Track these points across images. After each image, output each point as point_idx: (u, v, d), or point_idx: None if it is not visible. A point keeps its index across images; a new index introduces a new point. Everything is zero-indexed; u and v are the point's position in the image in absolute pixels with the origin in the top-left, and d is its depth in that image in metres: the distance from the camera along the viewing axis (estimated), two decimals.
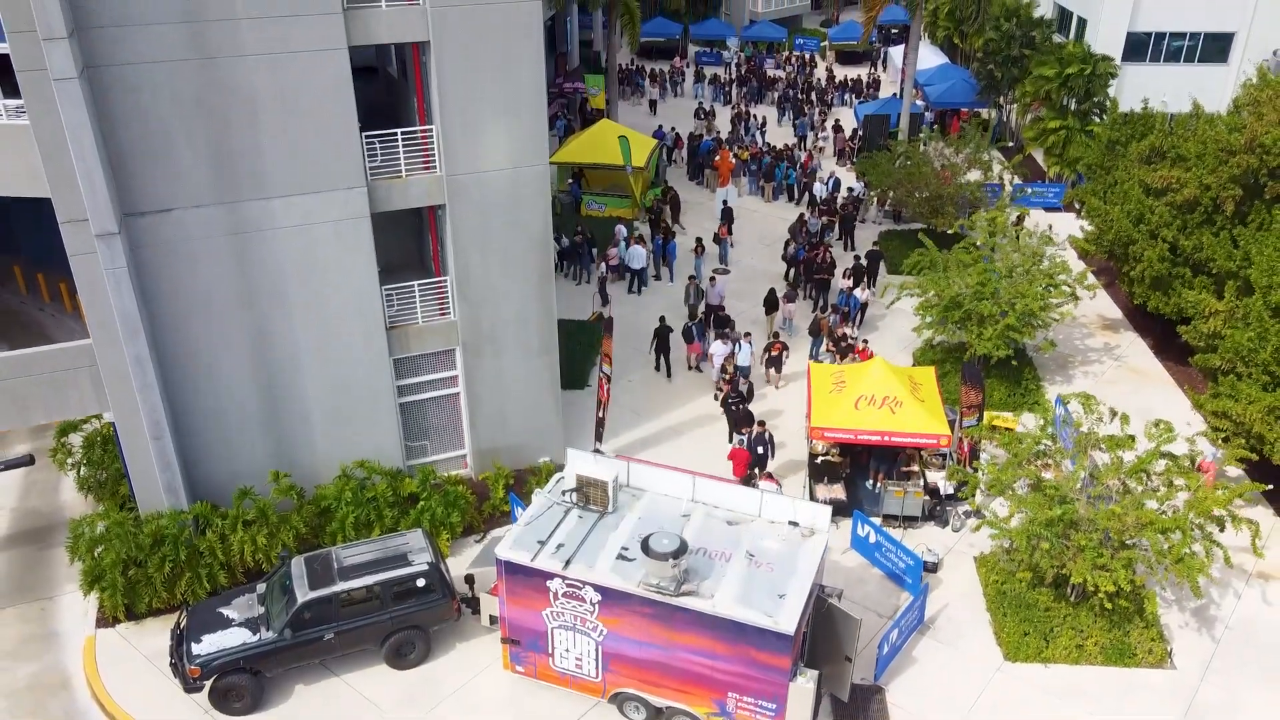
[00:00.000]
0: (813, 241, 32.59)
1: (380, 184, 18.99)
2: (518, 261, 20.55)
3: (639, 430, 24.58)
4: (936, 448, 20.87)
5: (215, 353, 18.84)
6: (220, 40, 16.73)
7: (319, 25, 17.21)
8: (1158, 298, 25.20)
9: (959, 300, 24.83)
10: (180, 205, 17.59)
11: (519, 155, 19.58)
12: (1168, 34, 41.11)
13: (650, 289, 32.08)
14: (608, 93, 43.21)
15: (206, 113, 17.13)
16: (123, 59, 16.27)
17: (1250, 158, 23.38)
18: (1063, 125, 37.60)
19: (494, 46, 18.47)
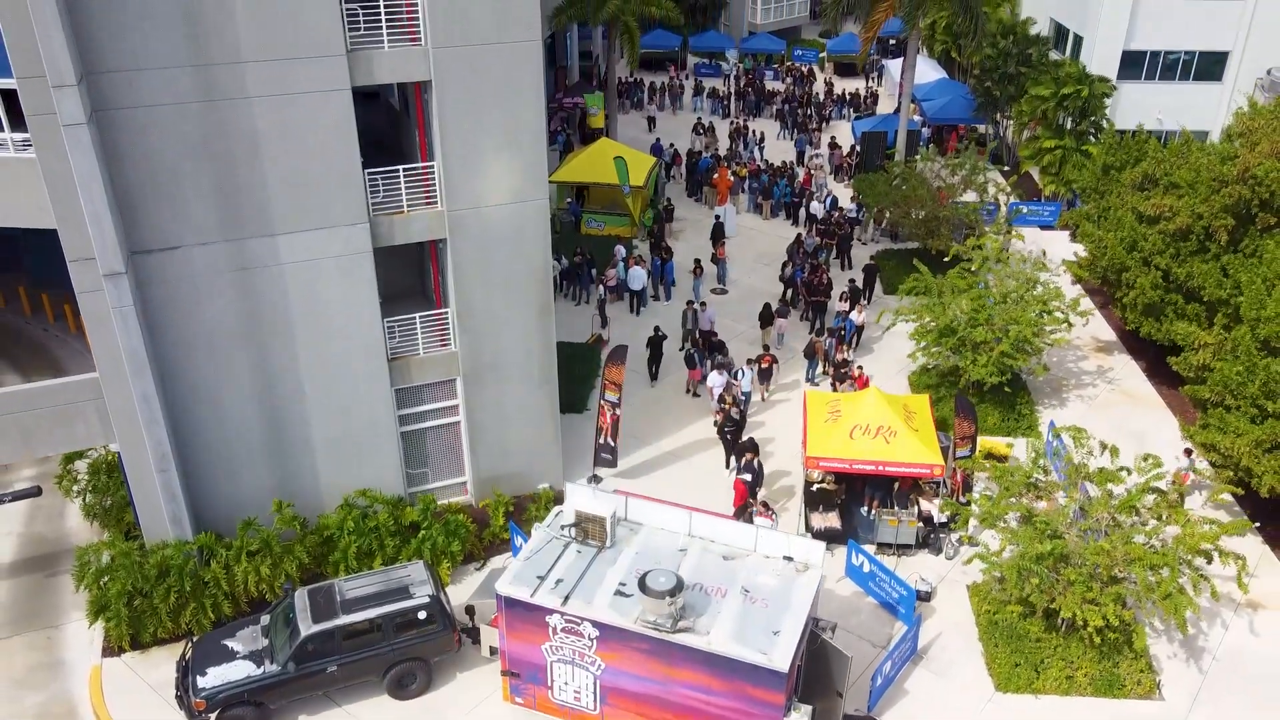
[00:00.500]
0: (810, 263, 32.88)
1: (382, 219, 19.30)
2: (518, 293, 20.85)
3: (637, 455, 24.86)
4: (930, 477, 21.16)
5: (220, 386, 19.14)
6: (226, 82, 17.03)
7: (323, 67, 17.50)
8: (1150, 324, 25.51)
9: (953, 326, 25.14)
10: (186, 243, 17.90)
11: (520, 190, 19.89)
12: (1162, 52, 41.38)
13: (649, 309, 32.37)
14: (607, 112, 43.47)
15: (212, 153, 17.43)
16: (131, 102, 16.57)
17: (1242, 188, 23.68)
18: (1059, 145, 37.89)
19: (494, 84, 18.77)
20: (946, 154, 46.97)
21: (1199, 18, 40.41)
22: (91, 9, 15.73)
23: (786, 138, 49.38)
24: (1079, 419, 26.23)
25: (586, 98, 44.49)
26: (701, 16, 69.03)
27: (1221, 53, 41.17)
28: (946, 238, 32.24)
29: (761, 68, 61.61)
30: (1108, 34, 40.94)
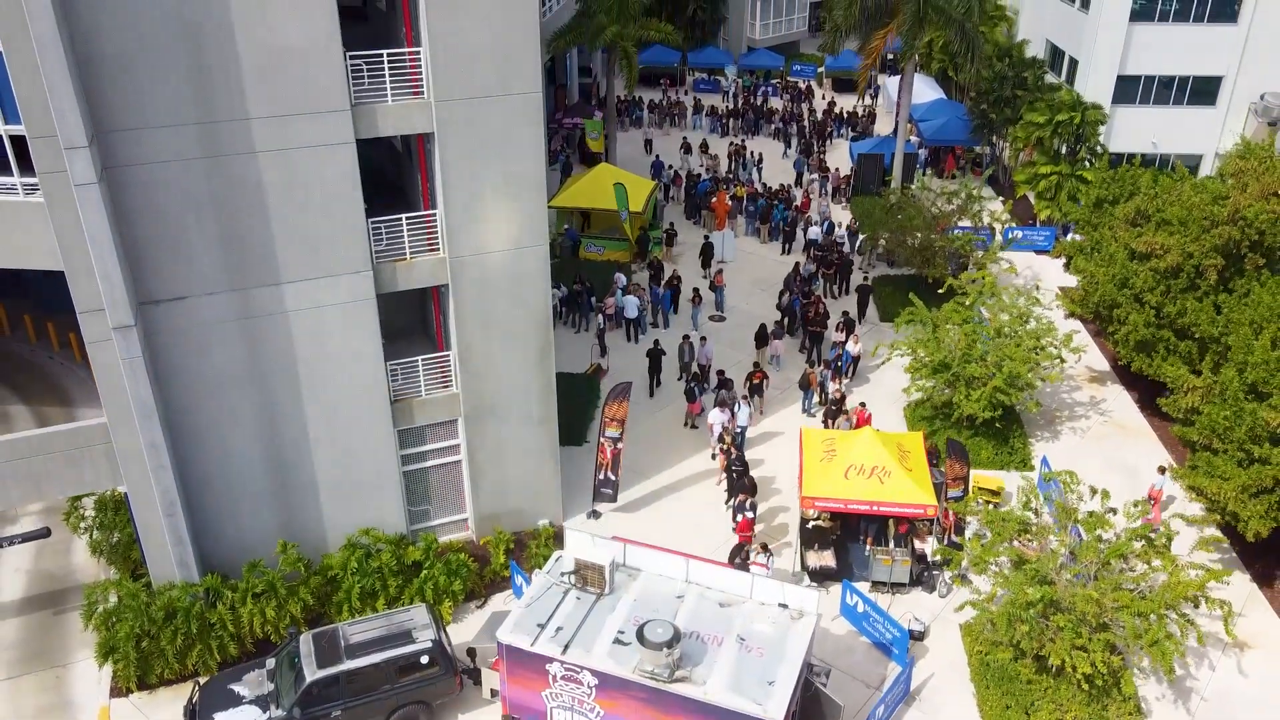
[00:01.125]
0: (806, 290, 33.23)
1: (385, 266, 19.65)
2: (519, 336, 21.21)
3: (637, 489, 25.20)
4: (923, 517, 21.51)
5: (226, 431, 19.49)
6: (234, 139, 17.38)
7: (327, 122, 17.85)
8: (1141, 360, 25.87)
9: (947, 361, 25.49)
10: (193, 293, 18.26)
11: (520, 237, 20.24)
12: (1157, 77, 41.72)
13: (648, 336, 32.69)
14: (607, 137, 43.72)
15: (219, 206, 17.78)
16: (140, 159, 16.93)
17: (1232, 229, 24.06)
18: (1054, 171, 38.24)
19: (495, 136, 19.12)
20: (944, 174, 47.78)
21: (1193, 43, 40.75)
22: (102, 71, 16.09)
23: (791, 155, 49.69)
24: (1071, 452, 26.67)
25: (586, 123, 44.79)
26: (701, 31, 69.35)
27: (1215, 78, 41.51)
28: (942, 266, 32.61)
29: (760, 84, 61.91)
30: (1102, 59, 41.29)
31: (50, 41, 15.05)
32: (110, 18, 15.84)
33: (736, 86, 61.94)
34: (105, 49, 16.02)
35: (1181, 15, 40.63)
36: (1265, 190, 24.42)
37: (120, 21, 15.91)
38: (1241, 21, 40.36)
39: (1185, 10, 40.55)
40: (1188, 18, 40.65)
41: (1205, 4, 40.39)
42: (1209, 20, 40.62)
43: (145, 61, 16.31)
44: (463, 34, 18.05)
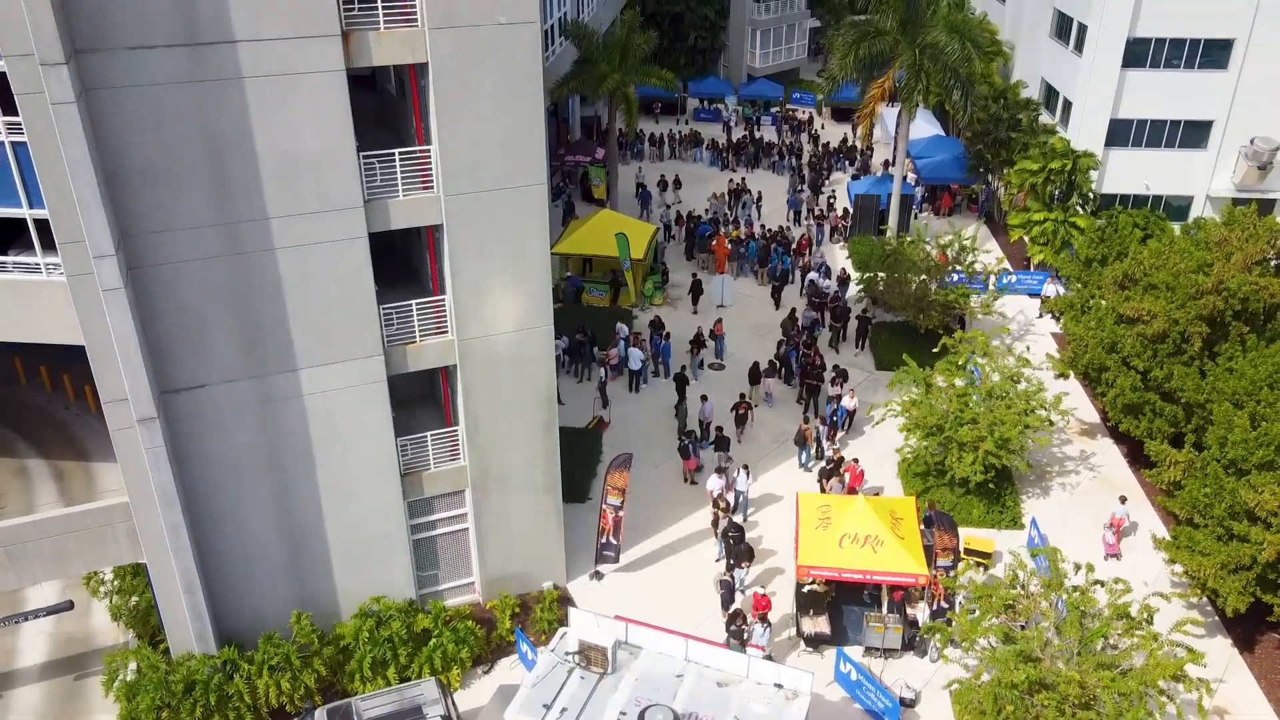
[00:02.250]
0: (806, 340, 34.00)
1: (396, 349, 20.42)
2: (524, 412, 21.99)
3: (637, 549, 25.95)
4: (915, 586, 22.26)
5: (244, 510, 20.28)
6: (253, 238, 18.16)
7: (342, 218, 18.64)
8: (1129, 421, 26.62)
9: (941, 424, 26.24)
10: (213, 381, 19.04)
11: (525, 318, 21.02)
12: (1149, 121, 42.49)
13: (650, 386, 33.48)
14: (609, 185, 44.29)
15: (238, 300, 18.56)
16: (164, 260, 17.72)
17: (1216, 299, 24.81)
18: (1047, 217, 38.99)
19: (502, 224, 19.90)
20: (940, 211, 48.54)
21: (1184, 89, 41.52)
22: (129, 181, 16.88)
23: (801, 192, 50.40)
24: (1060, 510, 27.44)
25: (590, 169, 45.48)
26: (701, 59, 70.16)
27: (1206, 122, 42.26)
28: (936, 318, 33.35)
29: (760, 115, 62.71)
30: (1095, 103, 42.06)
31: (82, 163, 15.86)
32: (138, 134, 16.62)
33: (736, 116, 62.73)
34: (132, 162, 16.81)
35: (1173, 62, 41.42)
36: (1248, 260, 25.18)
37: (147, 136, 16.70)
38: (1231, 68, 41.13)
39: (1176, 57, 41.34)
40: (1179, 64, 41.45)
41: (1196, 51, 41.19)
42: (1200, 67, 41.41)
43: (170, 172, 17.11)
44: (471, 133, 18.83)
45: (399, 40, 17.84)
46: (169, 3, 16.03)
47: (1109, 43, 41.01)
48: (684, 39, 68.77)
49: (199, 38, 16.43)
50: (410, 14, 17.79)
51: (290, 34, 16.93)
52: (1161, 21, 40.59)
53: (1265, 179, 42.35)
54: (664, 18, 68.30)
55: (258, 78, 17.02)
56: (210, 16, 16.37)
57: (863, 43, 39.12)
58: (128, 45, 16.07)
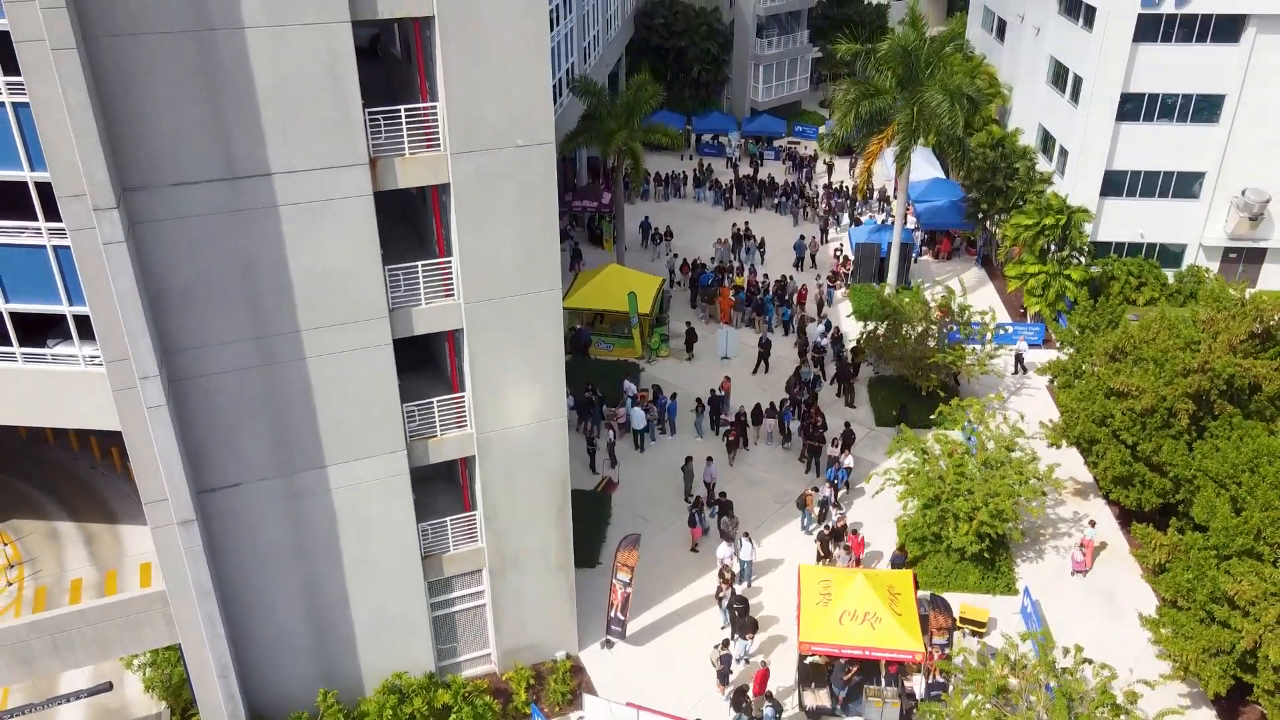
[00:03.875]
0: (805, 399, 35.05)
1: (419, 444, 21.51)
2: (539, 497, 23.07)
3: (645, 618, 26.98)
4: (912, 662, 23.31)
5: (273, 596, 21.37)
6: (285, 349, 19.27)
7: (368, 328, 19.73)
8: (1119, 491, 27.65)
9: (938, 495, 27.27)
10: (246, 480, 20.15)
11: (541, 411, 22.10)
12: (1143, 172, 43.50)
13: (656, 444, 34.52)
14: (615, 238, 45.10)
15: (269, 406, 19.66)
16: (201, 372, 18.83)
17: (1202, 378, 25.83)
18: (1041, 270, 40.01)
19: (518, 327, 20.99)
20: (939, 255, 49.59)
21: (1177, 141, 42.57)
22: (170, 304, 17.99)
23: (798, 220, 51.22)
24: (1053, 575, 28.46)
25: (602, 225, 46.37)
26: (705, 92, 71.25)
27: (1198, 173, 43.27)
28: (935, 379, 34.39)
29: (762, 151, 63.80)
30: (1091, 154, 43.09)
31: (129, 294, 16.96)
32: (179, 260, 17.74)
33: (740, 151, 63.76)
34: (173, 285, 17.93)
35: (1165, 115, 42.45)
36: (1233, 341, 26.19)
37: (187, 262, 17.82)
38: (1223, 122, 42.16)
39: (1169, 111, 42.38)
40: (1171, 118, 42.49)
41: (1188, 106, 42.20)
42: (1192, 120, 42.45)
43: (208, 293, 18.22)
44: (490, 245, 19.92)
45: (423, 165, 18.94)
46: (210, 143, 17.14)
47: (1104, 96, 42.07)
48: (688, 71, 69.96)
49: (237, 172, 17.55)
50: (434, 140, 18.89)
51: (321, 165, 18.04)
52: (1154, 77, 41.64)
53: (1257, 228, 43.38)
54: (668, 51, 69.51)
55: (291, 205, 18.13)
56: (247, 153, 17.48)
57: (863, 101, 40.17)
58: (171, 182, 17.20)
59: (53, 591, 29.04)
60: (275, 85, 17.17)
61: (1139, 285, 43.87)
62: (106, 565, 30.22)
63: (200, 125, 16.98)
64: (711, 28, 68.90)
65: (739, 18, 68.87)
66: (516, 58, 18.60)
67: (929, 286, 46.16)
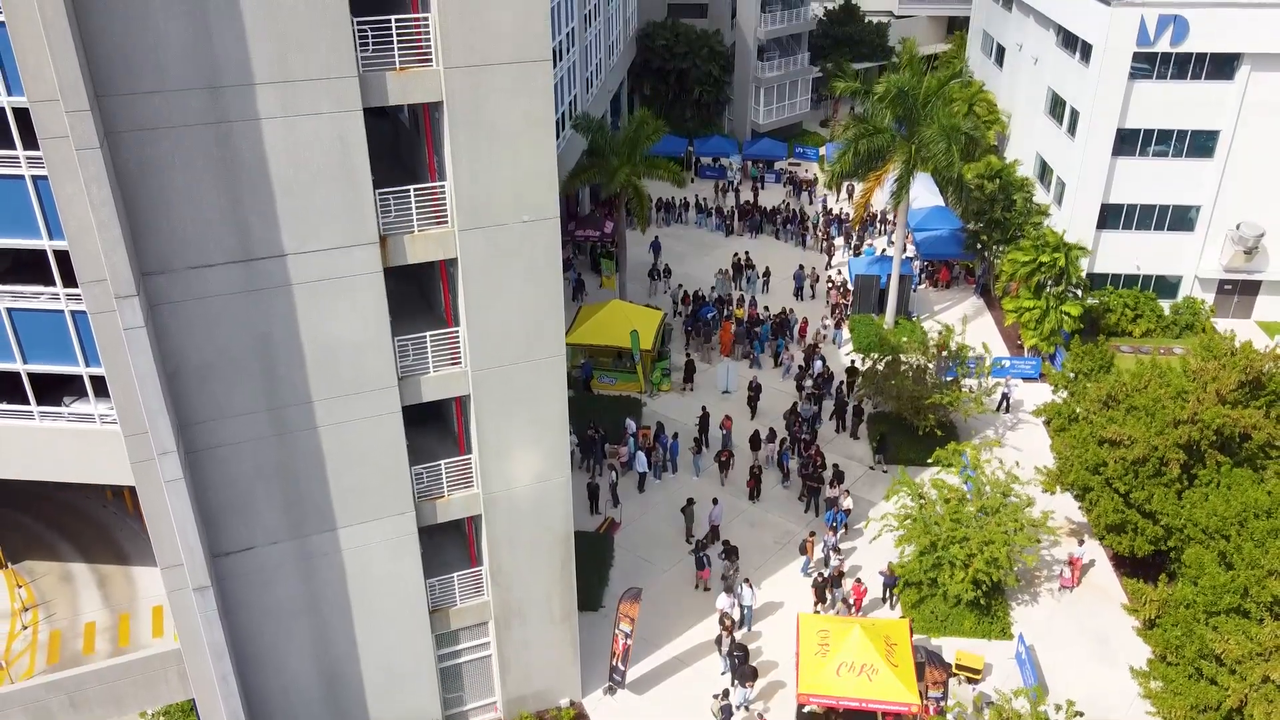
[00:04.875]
0: (805, 438, 35.62)
1: (426, 504, 22.09)
2: (543, 552, 23.65)
3: (647, 662, 27.56)
4: (908, 714, 23.87)
5: (285, 652, 21.97)
6: (297, 418, 19.84)
7: (379, 396, 20.31)
8: (1112, 538, 28.20)
9: (934, 542, 27.82)
10: (259, 544, 20.73)
11: (544, 472, 22.68)
12: (1139, 205, 44.05)
13: (658, 483, 35.08)
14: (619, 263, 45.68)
15: (282, 472, 20.24)
16: (216, 443, 19.40)
17: (1192, 429, 26.37)
18: (1035, 305, 40.55)
19: (522, 393, 21.56)
20: (939, 284, 50.14)
21: (1172, 176, 43.13)
22: (186, 379, 18.58)
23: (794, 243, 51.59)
24: (1047, 618, 29.01)
25: (603, 262, 46.91)
26: (707, 112, 71.84)
27: (1194, 207, 43.82)
28: (932, 419, 34.94)
29: (763, 174, 64.39)
30: (1087, 187, 43.66)
31: (148, 375, 17.55)
32: (196, 338, 18.32)
33: (742, 175, 64.32)
34: (191, 362, 18.51)
35: (1161, 150, 43.02)
36: (1222, 392, 26.73)
37: (204, 340, 18.40)
38: (1217, 157, 42.72)
39: (1165, 146, 42.93)
40: (1167, 153, 43.04)
41: (1184, 141, 42.76)
42: (1187, 155, 43.01)
43: (223, 368, 18.79)
44: (497, 316, 20.49)
45: (432, 241, 19.52)
46: (227, 228, 17.73)
47: (1100, 131, 42.63)
48: (689, 92, 70.57)
49: (252, 254, 18.13)
50: (442, 217, 19.46)
51: (333, 245, 18.62)
52: (1150, 113, 42.22)
53: (1251, 261, 43.93)
54: (670, 73, 70.10)
55: (304, 283, 18.70)
56: (263, 235, 18.07)
57: (862, 140, 40.74)
58: (190, 265, 17.78)
59: (66, 636, 29.68)
60: (290, 172, 17.75)
61: (1135, 317, 44.49)
62: (119, 608, 30.85)
63: (218, 211, 17.56)
64: (713, 49, 69.47)
65: (740, 40, 69.47)
66: (522, 138, 19.16)
67: (927, 317, 46.76)
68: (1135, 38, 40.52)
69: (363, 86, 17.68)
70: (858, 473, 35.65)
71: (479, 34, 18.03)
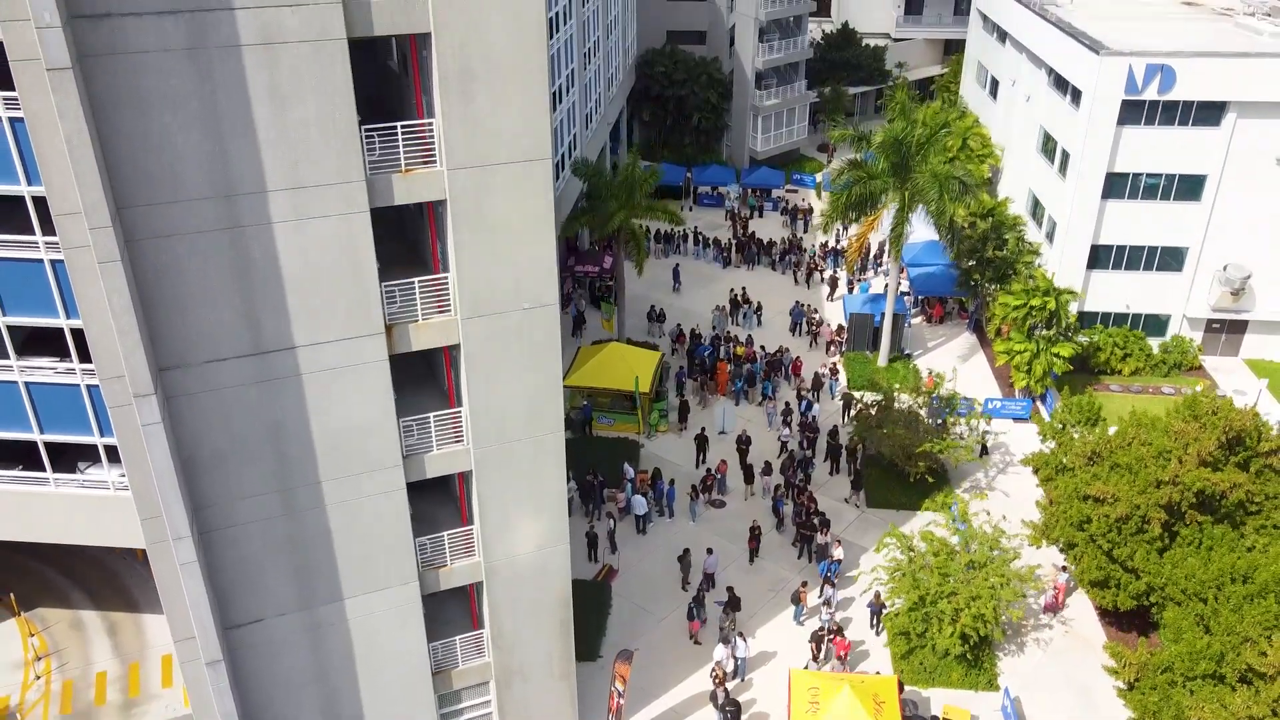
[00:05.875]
0: (799, 484, 36.43)
1: (430, 573, 22.88)
2: (543, 616, 24.44)
3: (643, 713, 28.34)
4: None
5: (293, 718, 22.75)
6: (306, 498, 20.64)
7: (385, 475, 21.10)
8: (1095, 593, 28.99)
9: (924, 596, 28.61)
10: (268, 615, 21.52)
11: (544, 540, 23.48)
12: (1128, 247, 44.85)
13: (655, 526, 35.87)
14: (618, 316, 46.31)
15: (292, 549, 21.04)
16: (229, 524, 20.20)
17: (1174, 491, 27.16)
18: (1027, 348, 41.34)
19: (523, 469, 22.36)
20: (932, 320, 50.94)
21: (1160, 217, 43.94)
22: (200, 465, 19.36)
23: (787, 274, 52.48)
24: (1033, 670, 29.80)
25: (603, 305, 47.64)
26: (705, 139, 72.70)
27: (1181, 248, 44.63)
28: (922, 468, 35.74)
29: (761, 204, 65.23)
30: (1078, 230, 44.46)
31: (164, 467, 18.35)
32: (210, 427, 19.12)
33: (739, 204, 65.10)
34: (204, 450, 19.31)
35: (1150, 194, 43.82)
36: (1202, 455, 27.52)
37: (218, 429, 19.19)
38: (1205, 200, 43.53)
39: (1153, 189, 43.74)
40: (1155, 196, 43.83)
41: (1172, 185, 43.56)
42: (1175, 198, 43.80)
43: (235, 454, 19.59)
44: (498, 397, 21.30)
45: (435, 329, 20.32)
46: (241, 324, 18.53)
47: (1090, 175, 43.43)
48: (688, 119, 71.43)
49: (264, 348, 18.93)
50: (445, 306, 20.26)
51: (342, 336, 19.42)
52: (1139, 158, 43.03)
53: (1238, 301, 44.73)
54: (668, 99, 70.97)
55: (313, 373, 19.51)
56: (274, 330, 18.87)
57: (856, 186, 41.55)
58: (204, 360, 18.58)
59: (79, 686, 30.58)
60: (300, 270, 18.54)
61: (1124, 356, 45.30)
62: (129, 657, 31.72)
63: (231, 309, 18.35)
64: (711, 77, 70.32)
65: (738, 69, 70.30)
66: (523, 231, 19.98)
67: (921, 354, 47.56)
68: (1124, 86, 41.34)
69: (370, 189, 18.49)
70: (850, 517, 36.44)
71: (481, 137, 18.84)
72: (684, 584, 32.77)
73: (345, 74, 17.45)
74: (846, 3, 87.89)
